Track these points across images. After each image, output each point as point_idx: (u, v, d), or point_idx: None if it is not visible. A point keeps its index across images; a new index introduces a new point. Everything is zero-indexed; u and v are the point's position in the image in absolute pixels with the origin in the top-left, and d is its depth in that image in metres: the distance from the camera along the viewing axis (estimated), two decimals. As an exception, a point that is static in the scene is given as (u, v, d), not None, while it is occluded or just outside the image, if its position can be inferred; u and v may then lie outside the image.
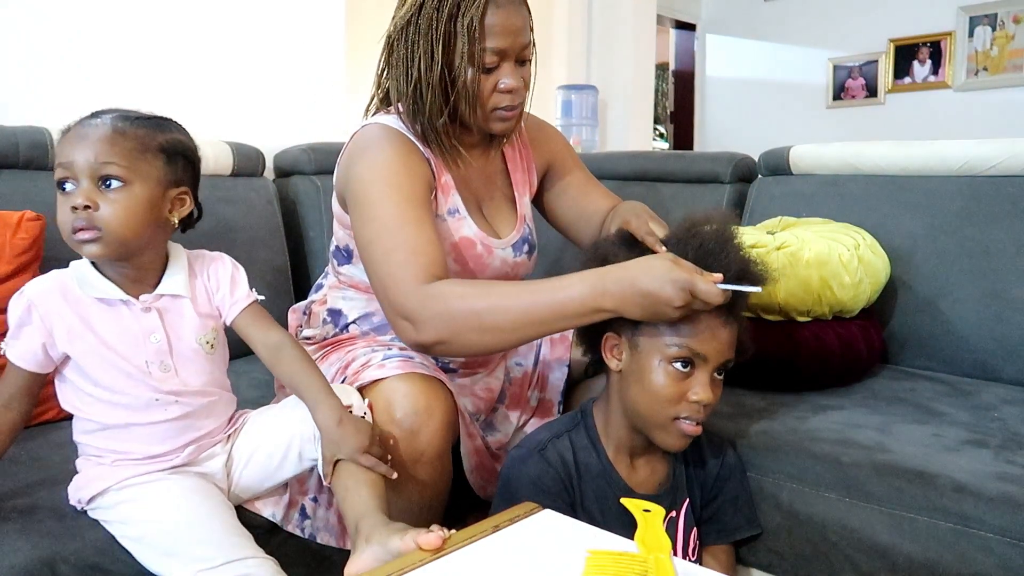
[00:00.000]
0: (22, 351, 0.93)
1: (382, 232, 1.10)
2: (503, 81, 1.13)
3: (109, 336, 0.94)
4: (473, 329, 1.03)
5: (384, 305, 1.10)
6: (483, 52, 1.10)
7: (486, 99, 1.14)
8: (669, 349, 0.99)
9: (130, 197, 0.91)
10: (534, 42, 1.18)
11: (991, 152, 1.55)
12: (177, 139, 0.97)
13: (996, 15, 4.35)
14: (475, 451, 1.21)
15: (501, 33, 1.10)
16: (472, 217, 1.23)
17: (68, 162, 0.90)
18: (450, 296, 1.04)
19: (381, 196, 1.12)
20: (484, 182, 1.29)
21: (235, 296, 1.03)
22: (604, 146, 3.73)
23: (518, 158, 1.35)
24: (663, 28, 5.36)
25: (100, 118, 0.93)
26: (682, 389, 1.00)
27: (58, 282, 0.95)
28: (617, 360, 1.05)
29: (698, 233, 1.03)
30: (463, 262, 1.22)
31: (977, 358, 1.51)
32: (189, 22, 2.12)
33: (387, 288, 1.08)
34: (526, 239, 1.31)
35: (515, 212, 1.32)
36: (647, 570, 0.74)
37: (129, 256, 0.94)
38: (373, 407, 1.06)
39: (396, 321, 1.08)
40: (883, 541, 1.06)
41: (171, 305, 0.99)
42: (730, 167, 1.85)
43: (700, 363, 1.00)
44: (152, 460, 0.97)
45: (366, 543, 0.86)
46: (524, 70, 1.17)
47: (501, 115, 1.17)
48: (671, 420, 1.01)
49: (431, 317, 1.03)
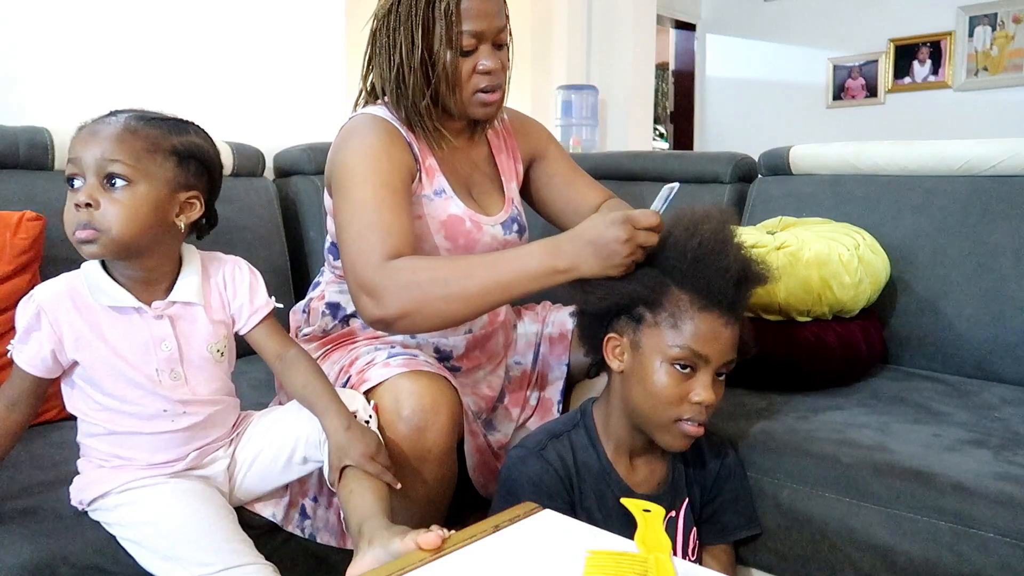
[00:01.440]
0: (30, 356, 0.92)
1: (357, 213, 1.14)
2: (482, 62, 1.19)
3: (119, 344, 0.93)
4: (439, 297, 1.07)
5: (349, 282, 1.14)
6: (460, 35, 1.17)
7: (466, 81, 1.20)
8: (671, 350, 0.99)
9: (134, 197, 0.89)
10: (510, 29, 1.24)
11: (991, 152, 1.55)
12: (193, 142, 0.95)
13: (996, 15, 4.34)
14: (478, 450, 1.22)
15: (477, 16, 1.17)
16: (459, 197, 1.26)
17: (77, 158, 0.89)
18: (416, 267, 1.09)
19: (361, 180, 1.16)
20: (471, 167, 1.33)
21: (255, 305, 1.02)
22: (604, 146, 3.73)
23: (503, 146, 1.39)
24: (663, 28, 5.36)
25: (115, 116, 0.92)
26: (684, 390, 0.99)
27: (68, 287, 0.94)
28: (619, 361, 1.05)
29: (697, 232, 1.03)
30: (454, 239, 1.24)
31: (977, 358, 1.50)
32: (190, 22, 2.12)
33: (354, 264, 1.12)
34: (515, 219, 1.34)
35: (503, 195, 1.35)
36: (647, 570, 0.74)
37: (130, 257, 0.93)
38: (380, 405, 1.06)
39: (359, 297, 1.11)
40: (883, 541, 1.06)
41: (184, 312, 0.97)
42: (730, 167, 1.85)
43: (702, 364, 0.99)
44: (155, 466, 0.97)
45: (368, 545, 0.86)
46: (502, 53, 1.23)
47: (482, 98, 1.22)
48: (673, 421, 1.01)
49: (395, 288, 1.07)
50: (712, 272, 0.99)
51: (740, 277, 1.01)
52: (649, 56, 3.88)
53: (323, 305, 1.31)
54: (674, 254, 1.02)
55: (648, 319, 1.01)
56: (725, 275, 0.99)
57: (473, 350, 1.31)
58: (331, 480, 0.98)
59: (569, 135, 3.45)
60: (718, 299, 0.99)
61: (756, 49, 5.20)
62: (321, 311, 1.31)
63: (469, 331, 1.29)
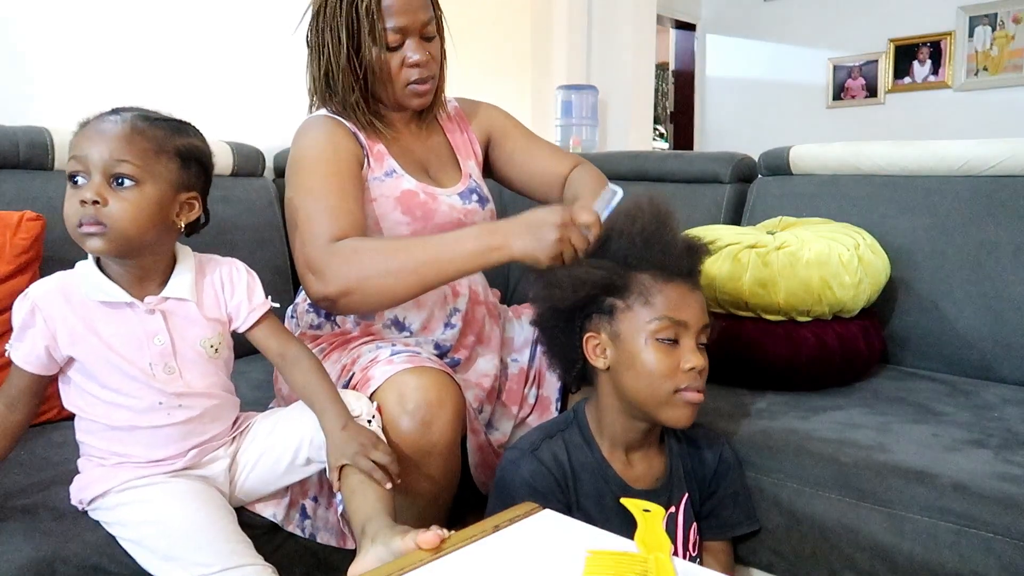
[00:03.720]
0: (26, 353, 0.93)
1: (306, 198, 1.18)
2: (409, 56, 1.23)
3: (112, 339, 0.94)
4: (379, 273, 1.10)
5: (298, 262, 1.18)
6: (385, 32, 1.20)
7: (395, 75, 1.24)
8: (650, 325, 1.02)
9: (141, 196, 0.91)
10: (439, 18, 1.28)
11: (991, 152, 1.55)
12: (194, 144, 0.97)
13: (996, 15, 4.34)
14: (479, 447, 1.22)
15: (399, 12, 1.20)
16: (411, 174, 1.29)
17: (82, 156, 0.90)
18: (358, 247, 1.12)
19: (309, 170, 1.21)
20: (425, 151, 1.36)
21: (252, 303, 1.03)
22: (604, 146, 3.72)
23: (456, 128, 1.42)
24: (663, 28, 5.36)
25: (120, 115, 0.93)
26: (673, 361, 1.02)
27: (61, 284, 0.95)
28: (603, 358, 1.07)
29: (637, 218, 1.08)
30: (411, 211, 1.26)
31: (977, 358, 1.51)
32: (189, 22, 2.12)
33: (303, 245, 1.16)
34: (474, 190, 1.36)
35: (459, 171, 1.38)
36: (647, 570, 0.74)
37: (131, 255, 0.94)
38: (384, 401, 1.06)
39: (304, 275, 1.16)
40: (883, 541, 1.06)
41: (176, 308, 0.98)
42: (730, 167, 1.85)
43: (683, 332, 1.03)
44: (154, 464, 0.97)
45: (371, 544, 0.87)
46: (431, 45, 1.26)
47: (415, 89, 1.26)
48: (672, 394, 1.02)
49: (338, 265, 1.11)
50: (663, 247, 1.05)
51: (687, 246, 1.08)
52: (649, 56, 3.87)
53: (306, 304, 1.34)
54: (623, 243, 1.06)
55: (620, 306, 1.05)
56: (675, 247, 1.06)
57: (466, 335, 1.32)
58: (332, 480, 0.98)
59: (569, 135, 3.45)
60: (677, 268, 1.05)
61: (756, 49, 5.20)
62: (306, 310, 1.34)
63: (456, 309, 1.31)
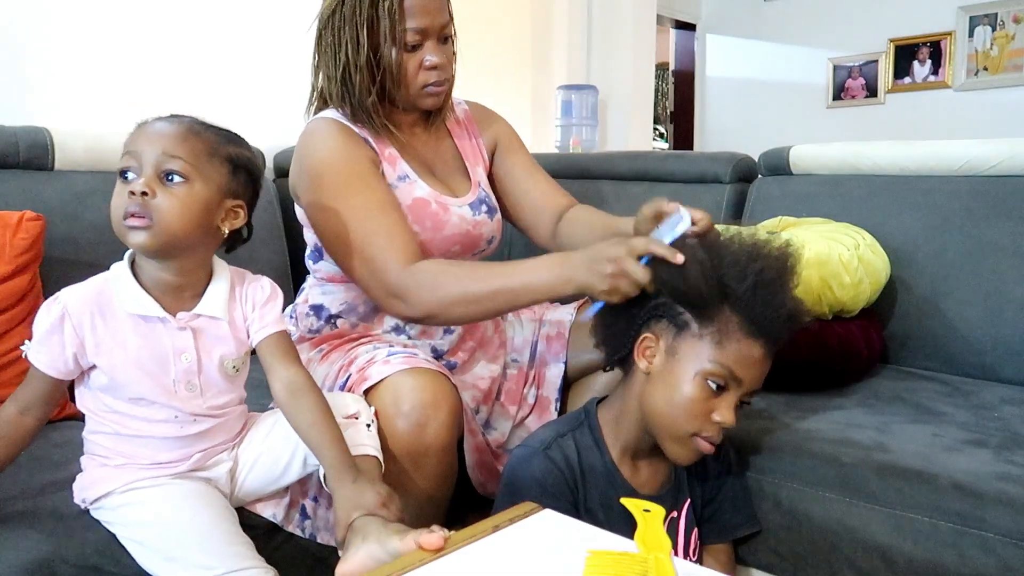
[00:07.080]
0: (51, 359, 0.92)
1: (353, 222, 1.17)
2: (428, 58, 1.22)
3: (140, 353, 0.93)
4: (460, 300, 1.12)
5: (372, 287, 1.18)
6: (405, 32, 1.19)
7: (412, 77, 1.23)
8: (709, 365, 0.98)
9: (189, 194, 0.91)
10: (453, 22, 1.26)
11: (991, 152, 1.55)
12: (246, 155, 0.99)
13: (996, 15, 4.34)
14: (476, 448, 1.22)
15: (420, 13, 1.19)
16: (424, 180, 1.28)
17: (136, 151, 0.90)
18: (438, 271, 1.15)
19: (342, 188, 1.19)
20: (433, 154, 1.35)
21: (264, 320, 1.00)
22: (604, 146, 3.72)
23: (465, 133, 1.41)
24: (663, 28, 5.36)
25: (178, 118, 0.95)
26: (709, 407, 0.99)
27: (96, 291, 0.94)
28: (648, 362, 1.04)
29: (759, 256, 1.01)
30: (421, 222, 1.25)
31: (977, 358, 1.51)
32: (190, 22, 2.12)
33: (374, 272, 1.16)
34: (483, 200, 1.34)
35: (468, 179, 1.36)
36: (647, 570, 0.74)
37: (172, 255, 0.93)
38: (380, 402, 1.06)
39: (386, 300, 1.17)
40: (883, 541, 1.06)
41: (207, 326, 0.97)
42: (730, 167, 1.85)
43: (733, 386, 0.99)
44: (159, 466, 0.97)
45: (363, 541, 0.85)
46: (447, 47, 1.25)
47: (430, 91, 1.25)
48: (689, 435, 1.00)
49: (421, 291, 1.13)
50: (769, 304, 0.98)
51: (790, 314, 1.01)
52: (649, 56, 3.87)
53: (307, 308, 1.33)
54: (734, 273, 0.99)
55: (692, 329, 1.00)
56: (780, 310, 0.99)
57: (466, 340, 1.33)
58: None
59: (569, 135, 3.45)
60: (767, 331, 0.99)
61: (756, 49, 5.20)
62: (305, 313, 1.33)
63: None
